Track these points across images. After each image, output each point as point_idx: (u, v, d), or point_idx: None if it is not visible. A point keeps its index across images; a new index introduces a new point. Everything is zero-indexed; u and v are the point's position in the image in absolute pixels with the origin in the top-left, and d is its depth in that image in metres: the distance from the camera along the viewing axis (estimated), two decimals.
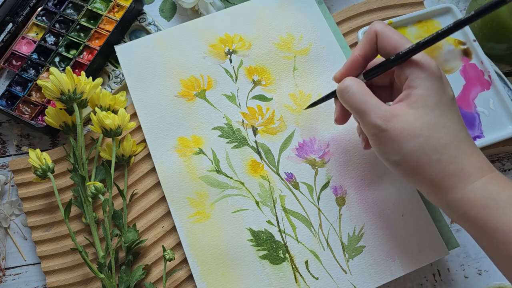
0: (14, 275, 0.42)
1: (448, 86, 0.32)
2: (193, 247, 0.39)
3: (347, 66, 0.35)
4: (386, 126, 0.30)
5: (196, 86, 0.44)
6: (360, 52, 0.34)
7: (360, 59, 0.34)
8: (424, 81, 0.30)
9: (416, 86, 0.31)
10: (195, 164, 0.41)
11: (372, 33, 0.33)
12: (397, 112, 0.31)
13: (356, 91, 0.32)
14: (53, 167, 0.40)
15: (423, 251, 0.39)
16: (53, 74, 0.38)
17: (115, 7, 0.47)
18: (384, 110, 0.31)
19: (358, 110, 0.32)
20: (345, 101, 0.33)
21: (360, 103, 0.32)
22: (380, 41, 0.33)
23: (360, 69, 0.35)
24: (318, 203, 0.40)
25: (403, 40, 0.32)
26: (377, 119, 0.31)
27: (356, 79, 0.33)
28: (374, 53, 0.34)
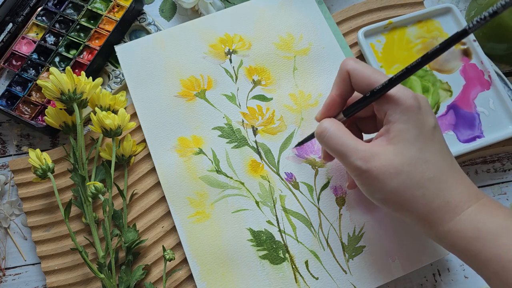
0: (14, 275, 0.42)
1: (429, 115, 0.31)
2: (193, 247, 0.39)
3: (326, 106, 0.35)
4: (366, 167, 0.30)
5: (196, 86, 0.44)
6: (336, 92, 0.34)
7: (337, 98, 0.34)
8: (401, 116, 0.30)
9: (394, 120, 0.30)
10: (195, 164, 0.41)
11: (344, 72, 0.33)
12: (376, 150, 0.30)
13: (333, 134, 0.32)
14: (53, 167, 0.40)
15: (423, 251, 0.39)
16: (53, 74, 0.38)
17: (115, 7, 0.47)
18: (363, 151, 0.31)
19: (337, 153, 0.32)
20: (324, 144, 0.33)
21: (339, 145, 0.32)
22: (353, 79, 0.32)
23: (339, 108, 0.35)
24: (318, 203, 0.40)
25: (376, 74, 0.31)
26: (357, 161, 0.31)
27: (333, 120, 0.33)
28: (350, 91, 0.34)
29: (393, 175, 0.30)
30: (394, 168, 0.30)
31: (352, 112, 0.33)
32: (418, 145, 0.30)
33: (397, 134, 0.30)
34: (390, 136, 0.30)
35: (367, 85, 0.32)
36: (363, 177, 0.31)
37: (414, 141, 0.30)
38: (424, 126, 0.30)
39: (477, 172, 0.45)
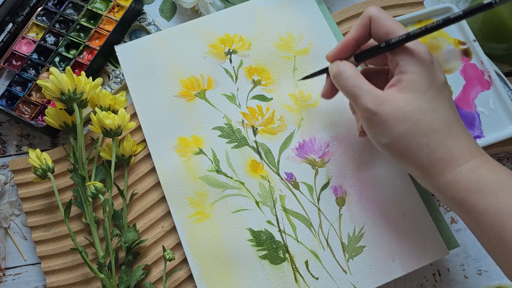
0: (14, 275, 0.42)
1: (439, 71, 0.32)
2: (193, 247, 0.39)
3: (340, 47, 0.35)
4: (377, 110, 0.31)
5: (196, 86, 0.44)
6: (353, 35, 0.35)
7: (353, 41, 0.35)
8: (415, 67, 0.31)
9: (407, 71, 0.31)
10: (195, 164, 0.41)
11: (366, 18, 0.34)
12: (388, 96, 0.32)
13: (350, 75, 0.33)
14: (53, 167, 0.40)
15: (423, 251, 0.39)
16: (53, 74, 0.38)
17: (115, 7, 0.47)
18: (376, 95, 0.32)
19: (352, 94, 0.33)
20: (340, 84, 0.34)
21: (354, 87, 0.33)
22: (374, 26, 0.33)
23: (351, 51, 0.35)
24: (318, 203, 0.40)
25: (396, 26, 0.32)
26: (369, 103, 0.32)
27: (350, 64, 0.34)
28: (367, 37, 0.35)
29: (401, 121, 0.31)
30: (402, 114, 0.31)
31: (364, 58, 0.35)
32: (428, 96, 0.31)
33: (408, 84, 0.31)
34: (402, 86, 0.31)
35: (385, 34, 0.33)
36: (372, 119, 0.32)
37: (424, 92, 0.31)
38: (435, 80, 0.31)
39: None
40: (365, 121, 0.33)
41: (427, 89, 0.31)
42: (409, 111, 0.31)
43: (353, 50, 0.35)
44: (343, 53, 0.35)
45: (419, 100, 0.31)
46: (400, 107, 0.31)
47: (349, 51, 0.35)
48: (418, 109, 0.31)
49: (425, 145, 0.31)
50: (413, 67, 0.31)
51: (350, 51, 0.35)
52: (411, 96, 0.31)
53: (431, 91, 0.31)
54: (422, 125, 0.31)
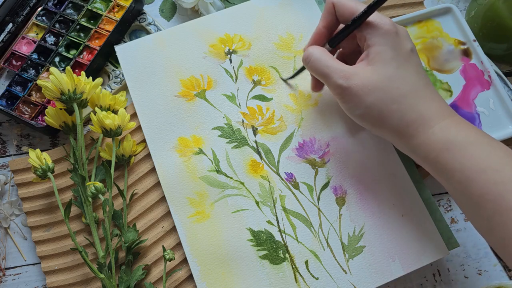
0: (14, 275, 0.42)
1: (406, 40, 0.34)
2: (193, 247, 0.39)
3: (313, 38, 0.37)
4: (347, 84, 0.33)
5: (196, 86, 0.44)
6: (323, 24, 0.37)
7: (323, 30, 0.37)
8: (380, 39, 0.33)
9: (373, 44, 0.33)
10: (195, 164, 0.41)
11: (329, 4, 0.36)
12: (356, 70, 0.33)
13: (317, 57, 0.35)
14: (53, 167, 0.40)
15: (423, 251, 0.39)
16: (53, 74, 0.38)
17: (115, 7, 0.47)
18: (344, 71, 0.33)
19: (322, 74, 0.35)
20: (310, 67, 0.36)
21: (323, 67, 0.35)
22: (338, 10, 0.35)
23: (325, 40, 0.37)
24: (318, 203, 0.40)
25: (358, 5, 0.34)
26: (339, 79, 0.33)
27: (317, 46, 0.36)
28: (336, 23, 0.36)
29: (371, 91, 0.32)
30: (371, 85, 0.32)
31: (337, 41, 0.36)
32: (394, 64, 0.33)
33: (375, 56, 0.33)
34: (370, 58, 0.33)
35: (350, 15, 0.34)
36: (344, 94, 0.34)
37: (390, 61, 0.33)
38: (401, 49, 0.33)
39: None
40: (338, 97, 0.35)
41: (393, 58, 0.33)
42: (377, 80, 0.32)
43: (326, 39, 0.37)
44: (316, 43, 0.37)
45: (386, 68, 0.32)
46: (368, 78, 0.33)
47: (322, 39, 0.37)
48: (386, 77, 0.32)
49: (396, 110, 0.32)
50: (378, 39, 0.33)
51: (323, 39, 0.37)
52: (378, 66, 0.33)
53: (397, 59, 0.33)
54: (391, 91, 0.32)
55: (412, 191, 0.41)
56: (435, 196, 0.44)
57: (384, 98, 0.32)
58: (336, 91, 0.34)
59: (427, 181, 0.43)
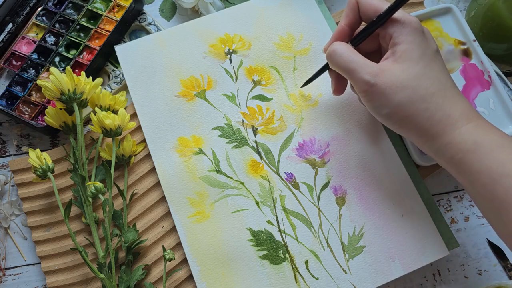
0: (14, 275, 0.42)
1: (431, 40, 0.33)
2: (193, 247, 0.39)
3: (334, 36, 0.36)
4: (375, 81, 0.32)
5: (196, 86, 0.44)
6: (345, 22, 0.36)
7: (346, 28, 0.36)
8: (407, 36, 0.32)
9: (400, 42, 0.32)
10: (195, 164, 0.41)
11: (353, 2, 0.35)
12: (384, 67, 0.32)
13: (343, 52, 0.34)
14: (53, 167, 0.40)
15: (423, 251, 0.39)
16: (53, 74, 0.38)
17: (115, 7, 0.47)
18: (372, 66, 0.33)
19: (347, 70, 0.34)
20: (334, 63, 0.35)
21: (349, 62, 0.33)
22: (361, 7, 0.35)
23: (347, 38, 0.36)
24: (318, 203, 0.40)
25: (382, 2, 0.34)
26: (366, 75, 0.32)
27: (341, 42, 0.35)
28: (358, 21, 0.36)
29: (399, 89, 0.32)
30: (400, 83, 0.32)
31: (360, 40, 0.35)
32: (422, 63, 0.32)
33: (403, 54, 0.32)
34: (396, 56, 0.32)
35: (374, 12, 0.34)
36: (370, 91, 0.33)
37: (418, 60, 0.32)
38: (428, 48, 0.32)
39: None
40: (363, 94, 0.34)
41: (421, 57, 0.32)
42: (406, 79, 0.32)
43: (348, 37, 0.36)
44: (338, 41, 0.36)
45: (414, 67, 0.32)
46: (397, 76, 0.32)
47: (345, 38, 0.36)
48: (414, 76, 0.32)
49: (424, 109, 0.32)
50: (406, 37, 0.32)
51: (345, 38, 0.36)
52: (406, 65, 0.32)
53: (425, 58, 0.32)
54: (420, 91, 0.32)
55: (412, 191, 0.41)
56: (435, 196, 0.44)
57: (412, 97, 0.31)
58: (362, 88, 0.33)
59: (427, 181, 0.43)
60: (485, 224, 0.43)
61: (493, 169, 0.30)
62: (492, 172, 0.30)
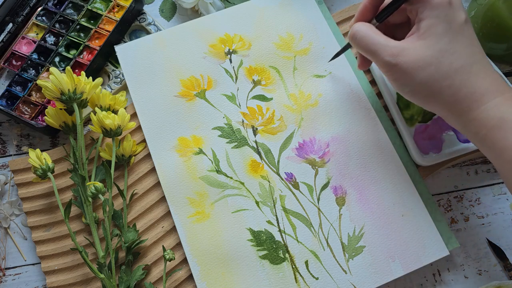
0: (14, 275, 0.42)
1: (460, 10, 0.32)
2: (193, 247, 0.39)
3: (358, 13, 0.36)
4: (395, 61, 0.32)
5: (196, 86, 0.44)
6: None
7: (368, 5, 0.36)
8: (431, 11, 0.31)
9: (425, 17, 0.32)
10: (195, 164, 0.41)
11: None
12: (406, 45, 0.32)
13: (364, 34, 0.34)
14: (53, 167, 0.40)
15: (423, 251, 0.39)
16: (53, 74, 0.38)
17: (115, 7, 0.47)
18: (392, 47, 0.32)
19: (369, 52, 0.34)
20: (356, 45, 0.35)
21: (370, 44, 0.33)
22: None
23: (371, 15, 0.36)
24: (318, 203, 0.40)
25: None
26: (386, 57, 0.32)
27: (364, 23, 0.35)
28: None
29: (421, 68, 0.31)
30: (423, 61, 0.31)
31: (385, 16, 0.35)
32: (447, 38, 0.31)
33: (427, 30, 0.31)
34: (420, 32, 0.32)
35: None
36: (392, 71, 0.33)
37: (443, 35, 0.31)
38: (454, 21, 0.31)
39: (477, 172, 0.45)
40: (387, 74, 0.34)
41: (446, 31, 0.31)
42: (429, 56, 0.31)
43: (372, 14, 0.36)
44: (363, 19, 0.36)
45: (438, 43, 0.31)
46: (419, 54, 0.31)
47: (369, 15, 0.36)
48: (438, 53, 0.31)
49: (447, 86, 0.31)
50: (430, 11, 0.31)
51: (370, 15, 0.36)
52: (430, 41, 0.31)
53: (450, 33, 0.31)
54: (443, 67, 0.31)
55: (412, 191, 0.41)
56: (435, 196, 0.44)
57: (435, 74, 0.31)
58: (384, 69, 0.33)
59: (427, 181, 0.43)
60: (485, 224, 0.43)
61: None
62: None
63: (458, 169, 0.45)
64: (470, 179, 0.44)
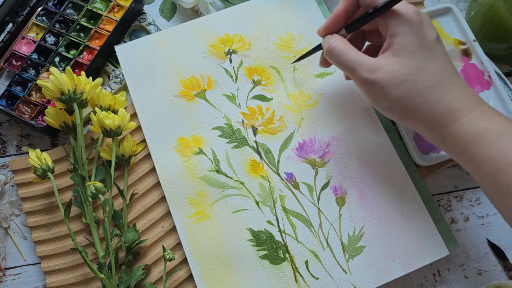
0: (14, 275, 0.42)
1: (430, 28, 0.32)
2: (193, 247, 0.39)
3: (330, 20, 0.36)
4: (372, 78, 0.32)
5: (196, 86, 0.44)
6: (342, 7, 0.35)
7: (342, 13, 0.35)
8: (404, 28, 0.32)
9: (397, 33, 0.32)
10: (195, 164, 0.41)
11: None
12: (381, 62, 0.32)
13: (341, 50, 0.34)
14: (53, 167, 0.40)
15: (423, 251, 0.39)
16: (53, 74, 0.38)
17: (115, 7, 0.47)
18: (369, 64, 0.33)
19: (346, 68, 0.34)
20: (333, 61, 0.35)
21: (347, 61, 0.34)
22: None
23: (342, 23, 0.36)
24: (318, 203, 0.40)
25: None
26: (364, 73, 0.33)
27: (339, 37, 0.35)
28: (355, 7, 0.35)
29: (397, 85, 0.32)
30: (398, 78, 0.32)
31: (354, 28, 0.35)
32: (420, 55, 0.32)
33: (400, 46, 0.32)
34: (394, 49, 0.32)
35: (371, 1, 0.33)
36: (369, 88, 0.33)
37: (416, 52, 0.32)
38: (426, 38, 0.32)
39: None
40: (363, 90, 0.34)
41: (419, 48, 0.32)
42: (403, 73, 0.31)
43: (343, 22, 0.36)
44: (333, 26, 0.36)
45: (412, 60, 0.32)
46: (394, 71, 0.32)
47: (340, 23, 0.36)
48: (412, 70, 0.31)
49: (423, 103, 0.32)
50: (403, 28, 0.32)
51: (340, 23, 0.36)
52: (404, 58, 0.32)
53: (423, 50, 0.32)
54: (418, 85, 0.31)
55: (412, 191, 0.41)
56: (435, 196, 0.44)
57: (410, 91, 0.32)
58: (361, 85, 0.34)
59: (427, 181, 0.43)
60: (485, 224, 0.43)
61: (496, 159, 0.30)
62: (496, 161, 0.30)
63: (458, 169, 0.45)
64: (470, 179, 0.44)
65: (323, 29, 0.36)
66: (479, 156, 0.30)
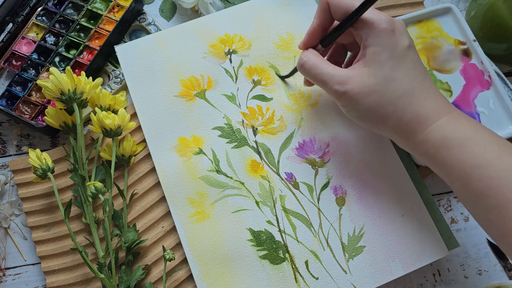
0: (14, 275, 0.42)
1: (402, 36, 0.33)
2: (193, 247, 0.39)
3: (307, 35, 0.37)
4: (343, 90, 0.33)
5: (196, 86, 0.44)
6: (317, 22, 0.36)
7: (317, 28, 0.36)
8: (375, 39, 0.32)
9: (369, 44, 0.33)
10: (195, 164, 0.41)
11: (324, 2, 0.35)
12: (352, 73, 0.33)
13: (312, 64, 0.35)
14: (53, 167, 0.40)
15: (423, 251, 0.39)
16: (53, 74, 0.38)
17: (115, 7, 0.47)
18: (339, 76, 0.33)
19: (318, 81, 0.35)
20: (305, 75, 0.36)
21: (318, 75, 0.35)
22: (332, 7, 0.35)
23: (319, 38, 0.37)
24: (318, 203, 0.40)
25: (352, 2, 0.33)
26: (335, 85, 0.33)
27: (312, 51, 0.36)
28: (330, 21, 0.36)
29: (366, 95, 0.32)
30: (367, 88, 0.32)
31: (329, 41, 0.36)
32: (389, 65, 0.32)
33: (371, 57, 0.32)
34: (365, 60, 0.33)
35: (344, 13, 0.34)
36: (341, 99, 0.34)
37: (386, 62, 0.32)
38: (396, 47, 0.32)
39: None
40: (336, 101, 0.35)
41: (388, 58, 0.32)
42: (373, 84, 0.32)
43: (320, 37, 0.37)
44: (311, 41, 0.37)
45: (381, 70, 0.32)
46: (363, 81, 0.32)
47: (317, 38, 0.37)
48: (381, 80, 0.32)
49: (392, 111, 0.32)
50: (374, 39, 0.32)
51: (317, 38, 0.37)
52: (373, 69, 0.32)
53: (393, 60, 0.32)
54: (387, 94, 0.32)
55: (412, 191, 0.41)
56: (435, 196, 0.44)
57: (380, 101, 0.32)
58: (333, 97, 0.35)
59: (427, 181, 0.43)
60: None
61: (464, 163, 0.31)
62: (465, 165, 0.31)
63: None
64: None
65: (303, 45, 0.37)
66: (448, 161, 0.31)
